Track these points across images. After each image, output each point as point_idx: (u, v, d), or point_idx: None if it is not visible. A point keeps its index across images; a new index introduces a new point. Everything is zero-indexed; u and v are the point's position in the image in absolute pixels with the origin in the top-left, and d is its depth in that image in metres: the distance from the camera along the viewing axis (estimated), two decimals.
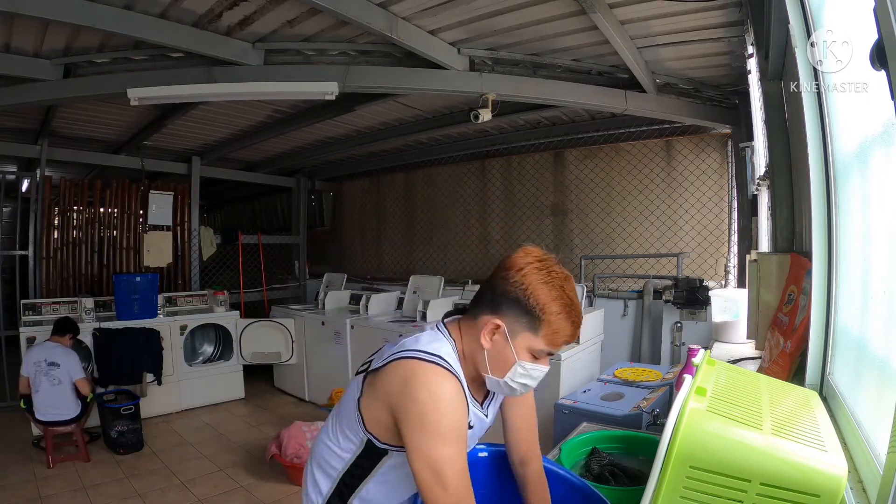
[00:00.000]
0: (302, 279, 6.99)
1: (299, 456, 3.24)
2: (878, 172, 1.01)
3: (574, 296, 0.99)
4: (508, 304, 0.98)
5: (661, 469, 0.76)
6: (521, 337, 0.98)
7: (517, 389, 1.04)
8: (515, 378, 1.01)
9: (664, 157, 4.28)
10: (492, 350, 1.01)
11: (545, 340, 0.98)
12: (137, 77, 3.21)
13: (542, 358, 1.01)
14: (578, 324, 0.99)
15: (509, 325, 0.99)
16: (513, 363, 1.00)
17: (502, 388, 1.05)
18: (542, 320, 0.96)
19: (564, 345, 1.01)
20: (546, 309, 0.96)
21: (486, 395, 1.14)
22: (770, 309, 1.99)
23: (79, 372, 3.69)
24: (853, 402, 1.11)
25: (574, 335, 1.00)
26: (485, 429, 1.15)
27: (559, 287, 0.97)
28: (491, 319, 1.00)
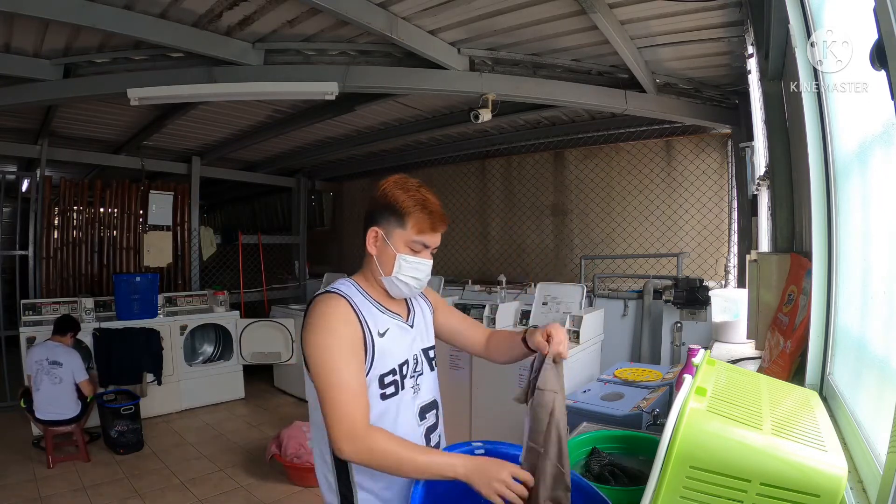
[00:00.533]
0: (302, 279, 6.99)
1: (299, 456, 3.24)
2: (878, 172, 1.01)
3: (427, 193, 1.20)
4: (378, 213, 1.20)
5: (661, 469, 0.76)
6: (395, 235, 1.18)
7: (411, 284, 1.20)
8: (402, 272, 1.18)
9: (664, 157, 4.28)
10: (378, 255, 1.21)
11: (414, 230, 1.17)
12: (137, 77, 3.21)
13: (421, 251, 1.19)
14: (435, 211, 1.18)
15: (384, 230, 1.19)
16: (395, 258, 1.17)
17: (399, 288, 1.20)
18: (404, 213, 1.16)
19: (431, 232, 1.18)
20: (404, 204, 1.16)
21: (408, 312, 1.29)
22: (770, 309, 1.99)
23: (82, 373, 3.69)
24: (853, 402, 1.10)
25: (434, 221, 1.17)
26: (421, 343, 1.28)
27: (414, 188, 1.19)
28: (371, 229, 1.21)
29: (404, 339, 1.23)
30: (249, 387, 5.31)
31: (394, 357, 1.18)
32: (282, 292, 6.70)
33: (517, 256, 5.28)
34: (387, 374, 1.16)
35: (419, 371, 1.25)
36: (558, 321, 3.70)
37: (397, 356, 1.19)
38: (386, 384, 1.16)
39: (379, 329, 1.17)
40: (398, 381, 1.18)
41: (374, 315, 1.18)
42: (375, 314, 1.19)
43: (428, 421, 1.25)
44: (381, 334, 1.17)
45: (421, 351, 1.27)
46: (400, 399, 1.18)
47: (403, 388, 1.19)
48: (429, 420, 1.26)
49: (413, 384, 1.22)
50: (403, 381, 1.19)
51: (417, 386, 1.24)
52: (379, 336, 1.16)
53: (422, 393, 1.25)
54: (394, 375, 1.17)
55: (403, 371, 1.19)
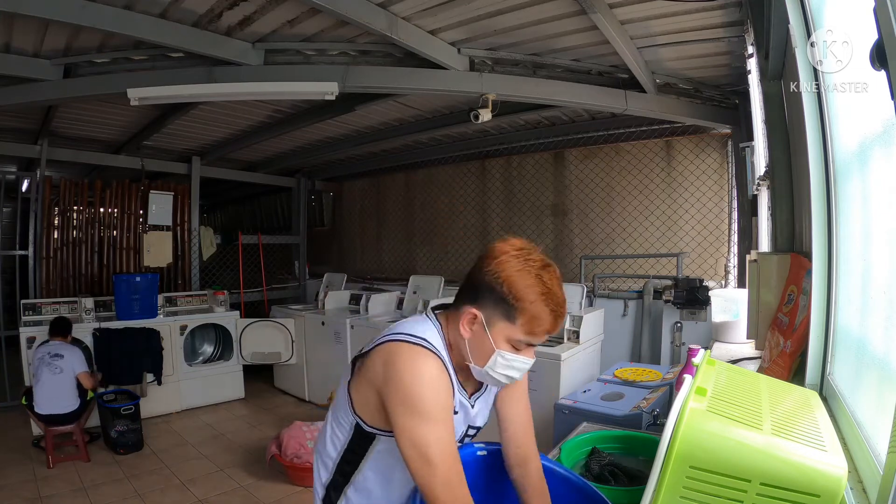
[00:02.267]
0: (302, 279, 6.99)
1: (299, 456, 3.24)
2: (878, 172, 1.01)
3: (553, 284, 0.97)
4: (485, 293, 0.98)
5: (661, 469, 0.76)
6: (499, 326, 0.98)
7: (501, 380, 1.04)
8: (496, 368, 1.01)
9: (664, 157, 4.28)
10: (472, 340, 1.01)
11: (523, 330, 0.97)
12: (137, 77, 3.20)
13: (523, 349, 1.01)
14: (558, 313, 0.97)
15: (487, 315, 0.99)
16: (492, 353, 0.99)
17: (486, 378, 1.05)
18: (518, 308, 0.96)
19: (545, 335, 0.99)
20: (521, 297, 0.95)
21: (477, 389, 1.15)
22: (770, 309, 1.99)
23: (82, 365, 3.73)
24: (853, 402, 1.11)
25: (554, 324, 0.98)
26: (471, 423, 1.15)
27: (535, 275, 0.96)
28: (469, 309, 1.00)
29: (462, 417, 1.12)
30: (249, 387, 5.31)
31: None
32: (282, 292, 6.70)
33: None
34: None
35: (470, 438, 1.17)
36: None
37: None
38: None
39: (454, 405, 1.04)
40: None
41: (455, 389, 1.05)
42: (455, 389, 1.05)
43: None
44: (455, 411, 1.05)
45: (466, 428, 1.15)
46: None
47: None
48: None
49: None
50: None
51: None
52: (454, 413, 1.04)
53: None
54: None
55: None
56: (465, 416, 1.12)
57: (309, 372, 5.11)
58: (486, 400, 1.18)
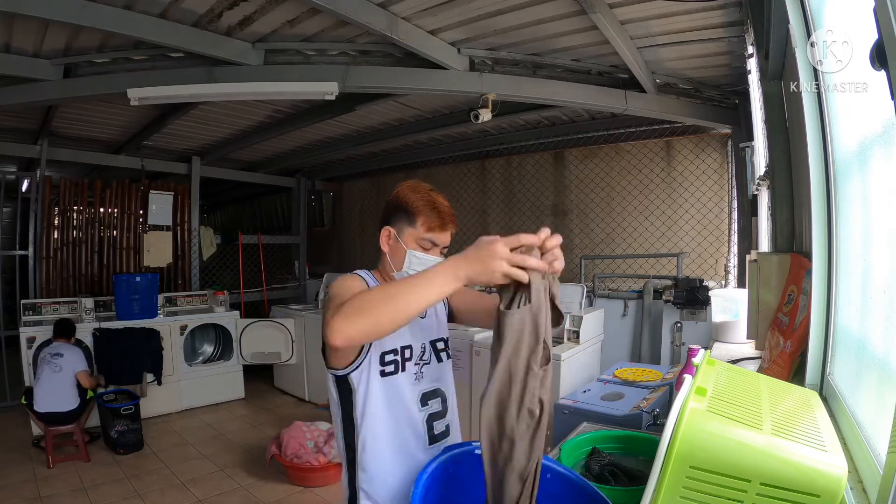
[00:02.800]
0: (302, 279, 6.99)
1: (299, 456, 3.24)
2: (878, 172, 1.01)
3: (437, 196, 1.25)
4: (391, 213, 1.26)
5: (661, 469, 0.76)
6: (406, 233, 1.24)
7: None
8: (412, 267, 1.22)
9: (664, 157, 4.28)
10: (390, 252, 1.26)
11: (423, 228, 1.22)
12: (137, 77, 3.21)
13: (431, 249, 1.24)
14: (444, 211, 1.23)
15: (396, 228, 1.25)
16: (405, 252, 1.23)
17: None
18: (415, 213, 1.22)
19: (440, 230, 1.23)
20: (414, 204, 1.22)
21: None
22: (770, 309, 1.99)
23: (82, 364, 3.75)
24: (853, 402, 1.10)
25: (443, 220, 1.23)
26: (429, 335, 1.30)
27: (425, 191, 1.25)
28: (384, 229, 1.27)
29: (411, 326, 1.25)
30: (249, 387, 5.31)
31: (397, 338, 1.21)
32: (282, 292, 6.70)
33: None
34: (388, 353, 1.20)
35: (425, 360, 1.28)
36: None
37: (401, 338, 1.22)
38: (386, 362, 1.20)
39: None
40: (398, 361, 1.22)
41: None
42: None
43: (430, 408, 1.27)
44: None
45: (429, 342, 1.31)
46: (399, 379, 1.22)
47: (404, 371, 1.23)
48: (432, 407, 1.27)
49: (416, 371, 1.26)
50: (405, 363, 1.23)
51: (421, 374, 1.27)
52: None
53: (425, 380, 1.27)
54: (395, 355, 1.21)
55: (406, 354, 1.24)
56: (418, 327, 1.28)
57: (309, 372, 5.11)
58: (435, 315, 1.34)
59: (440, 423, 1.29)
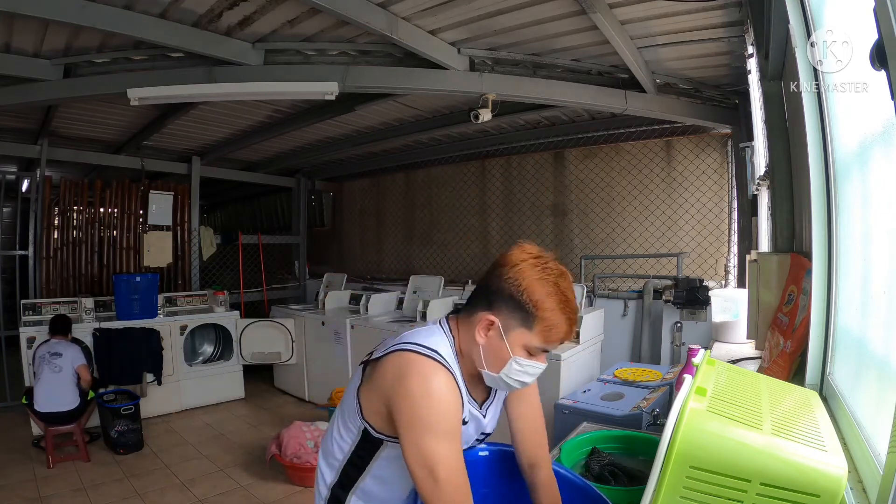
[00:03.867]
0: (302, 279, 6.99)
1: (299, 456, 3.24)
2: (878, 172, 1.01)
3: (569, 292, 1.00)
4: (503, 300, 0.99)
5: (661, 469, 0.76)
6: (516, 333, 0.99)
7: (514, 385, 1.04)
8: (511, 374, 1.01)
9: (664, 157, 4.28)
10: (487, 346, 1.02)
11: (540, 337, 0.98)
12: (137, 77, 3.20)
13: (537, 355, 1.02)
14: (573, 320, 1.00)
15: (503, 322, 0.99)
16: (507, 359, 1.00)
17: (499, 384, 1.05)
18: (536, 316, 0.97)
19: (560, 342, 1.01)
20: (539, 305, 0.97)
21: (487, 397, 1.15)
22: (770, 309, 1.99)
23: (81, 358, 3.76)
24: (853, 402, 1.10)
25: (569, 332, 1.00)
26: (482, 430, 1.16)
27: (553, 283, 0.98)
28: (486, 315, 1.01)
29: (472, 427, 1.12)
30: (249, 387, 5.31)
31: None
32: (282, 292, 6.70)
33: None
34: None
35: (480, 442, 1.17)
36: None
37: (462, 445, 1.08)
38: None
39: (464, 416, 1.05)
40: None
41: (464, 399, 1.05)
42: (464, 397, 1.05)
43: None
44: (464, 422, 1.04)
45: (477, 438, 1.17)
46: None
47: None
48: None
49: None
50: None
51: None
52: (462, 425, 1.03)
53: None
54: None
55: None
56: (477, 425, 1.13)
57: (309, 372, 5.11)
58: (496, 406, 1.18)
59: None
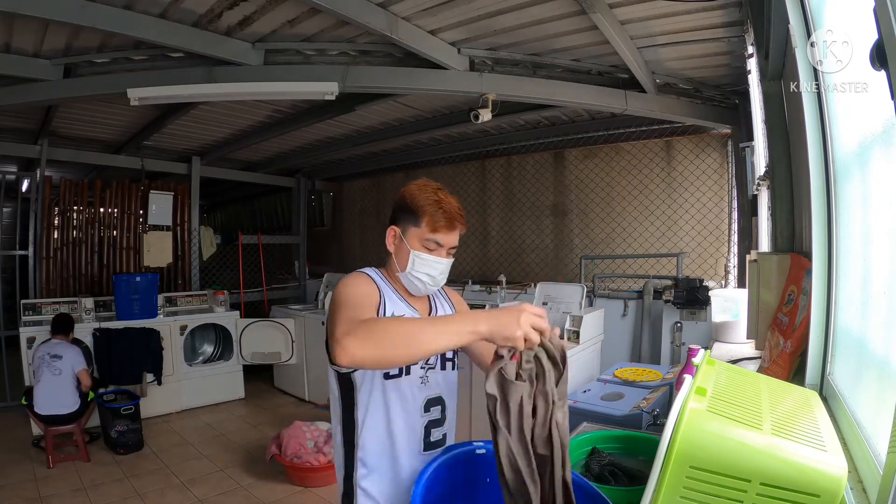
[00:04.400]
0: (302, 279, 6.99)
1: (299, 456, 3.24)
2: (878, 172, 1.01)
3: (444, 195, 1.22)
4: (397, 212, 1.25)
5: (661, 469, 0.76)
6: (410, 233, 1.22)
7: (425, 280, 1.23)
8: (416, 268, 1.22)
9: (664, 157, 4.28)
10: (396, 251, 1.26)
11: (427, 228, 1.20)
12: (137, 77, 3.21)
13: (436, 250, 1.22)
14: (450, 211, 1.20)
15: (401, 228, 1.24)
16: (409, 253, 1.22)
17: (414, 284, 1.24)
18: (419, 213, 1.20)
19: (447, 232, 1.21)
20: (419, 203, 1.20)
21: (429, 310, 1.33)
22: (770, 309, 1.99)
23: (81, 363, 3.74)
24: (853, 402, 1.10)
25: (449, 220, 1.19)
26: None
27: (432, 190, 1.22)
28: (389, 228, 1.27)
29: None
30: (249, 387, 5.31)
31: None
32: (282, 292, 6.70)
33: (517, 256, 5.28)
34: None
35: (430, 364, 1.26)
36: (558, 322, 3.72)
37: None
38: None
39: (395, 310, 1.23)
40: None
41: (394, 299, 1.25)
42: (395, 299, 1.25)
43: (431, 415, 1.26)
44: (395, 314, 1.22)
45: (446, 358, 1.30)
46: (403, 383, 1.21)
47: (409, 374, 1.22)
48: (432, 414, 1.26)
49: (422, 375, 1.24)
50: (410, 367, 1.22)
51: (426, 378, 1.25)
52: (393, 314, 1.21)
53: (430, 386, 1.26)
54: None
55: None
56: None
57: (309, 372, 5.11)
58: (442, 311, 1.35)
59: (438, 430, 1.28)
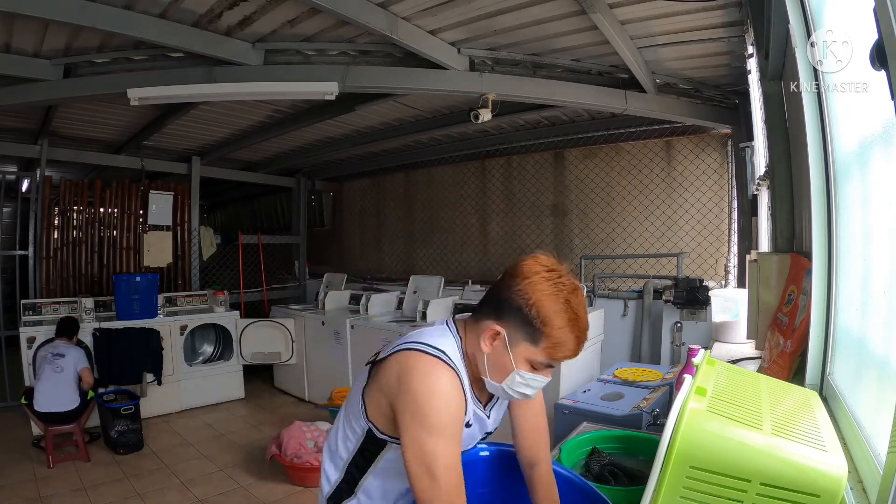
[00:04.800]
0: (302, 279, 6.99)
1: (299, 456, 3.24)
2: (878, 172, 1.01)
3: (580, 309, 0.96)
4: (511, 311, 0.97)
5: (661, 469, 0.76)
6: (521, 347, 0.97)
7: (514, 396, 1.04)
8: (513, 386, 1.00)
9: (664, 157, 4.28)
10: (491, 355, 1.00)
11: (545, 353, 0.96)
12: (137, 77, 3.20)
13: (541, 369, 1.00)
14: (582, 339, 0.97)
15: (510, 333, 0.97)
16: (510, 371, 0.99)
17: (501, 393, 1.05)
18: (543, 333, 0.95)
19: (565, 359, 0.99)
20: (548, 322, 0.94)
21: (491, 397, 1.14)
22: (770, 309, 1.99)
23: (84, 362, 3.76)
24: (853, 402, 1.10)
25: (576, 350, 0.97)
26: (485, 430, 1.16)
27: (564, 300, 0.95)
28: (493, 325, 0.99)
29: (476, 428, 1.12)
30: (249, 387, 5.30)
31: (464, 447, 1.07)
32: (282, 292, 6.70)
33: (517, 256, 5.24)
34: None
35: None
36: None
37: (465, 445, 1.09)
38: None
39: (468, 418, 1.06)
40: None
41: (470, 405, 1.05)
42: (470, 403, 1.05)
43: None
44: (468, 425, 1.06)
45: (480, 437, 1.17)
46: None
47: None
48: None
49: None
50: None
51: None
52: (466, 427, 1.05)
53: None
54: None
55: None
56: (481, 426, 1.12)
57: (309, 372, 5.10)
58: (500, 407, 1.18)
59: None
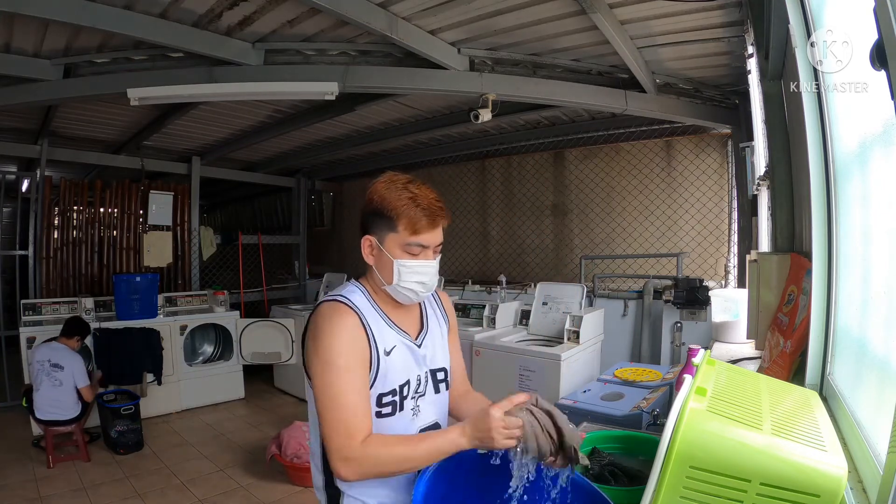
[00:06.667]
0: (302, 279, 6.99)
1: (299, 456, 3.24)
2: (878, 172, 1.01)
3: (418, 189, 1.09)
4: (370, 219, 1.12)
5: (661, 469, 0.76)
6: (388, 239, 1.10)
7: (417, 290, 1.12)
8: (403, 279, 1.10)
9: (664, 157, 4.28)
10: (377, 263, 1.13)
11: (407, 232, 1.07)
12: (137, 77, 3.21)
13: (421, 253, 1.10)
14: (430, 209, 1.07)
15: (378, 237, 1.11)
16: (392, 264, 1.10)
17: (406, 296, 1.13)
18: (395, 217, 1.07)
19: (428, 230, 1.08)
20: (393, 206, 1.07)
21: (420, 328, 1.22)
22: (770, 309, 1.99)
23: (83, 379, 3.65)
24: (853, 402, 1.10)
25: (430, 221, 1.07)
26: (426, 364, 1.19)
27: (402, 187, 1.08)
28: (364, 239, 1.14)
29: (409, 358, 1.16)
30: (249, 387, 5.31)
31: (396, 376, 1.12)
32: (282, 292, 6.70)
33: (517, 256, 5.28)
34: (386, 394, 1.11)
35: (420, 392, 1.18)
36: (558, 321, 3.72)
37: (400, 375, 1.13)
38: (383, 403, 1.11)
39: (386, 347, 1.11)
40: (396, 401, 1.12)
41: (383, 331, 1.12)
42: (384, 329, 1.13)
43: None
44: (387, 352, 1.11)
45: (428, 371, 1.20)
46: (396, 420, 1.12)
47: (402, 410, 1.13)
48: None
49: (413, 405, 1.16)
50: (403, 402, 1.13)
51: (417, 408, 1.17)
52: (385, 354, 1.10)
53: (422, 415, 1.18)
54: (393, 396, 1.12)
55: (404, 392, 1.13)
56: (415, 358, 1.17)
57: None
58: (434, 341, 1.23)
59: None
